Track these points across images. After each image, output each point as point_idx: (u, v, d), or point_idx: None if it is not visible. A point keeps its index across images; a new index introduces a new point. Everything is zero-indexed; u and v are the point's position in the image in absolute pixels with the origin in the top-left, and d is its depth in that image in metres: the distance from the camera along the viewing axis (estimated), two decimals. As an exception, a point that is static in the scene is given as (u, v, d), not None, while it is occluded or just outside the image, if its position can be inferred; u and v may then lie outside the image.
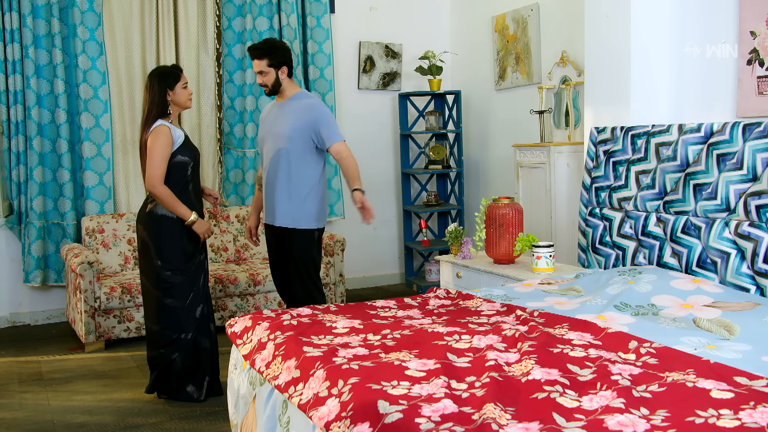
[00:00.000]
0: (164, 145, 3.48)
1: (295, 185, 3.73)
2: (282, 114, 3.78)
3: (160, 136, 3.47)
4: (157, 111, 3.52)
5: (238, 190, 5.88)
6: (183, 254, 3.60)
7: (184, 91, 3.58)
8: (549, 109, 5.29)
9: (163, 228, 3.56)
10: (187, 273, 3.61)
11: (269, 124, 3.83)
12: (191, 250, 3.62)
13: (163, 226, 3.56)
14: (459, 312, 2.92)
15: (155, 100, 3.52)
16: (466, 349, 2.32)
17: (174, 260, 3.57)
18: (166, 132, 3.49)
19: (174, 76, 3.56)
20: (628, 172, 3.61)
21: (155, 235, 3.57)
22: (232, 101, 5.79)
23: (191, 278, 3.62)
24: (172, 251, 3.57)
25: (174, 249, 3.58)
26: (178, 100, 3.57)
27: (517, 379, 2.02)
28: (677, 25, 3.84)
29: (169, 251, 3.57)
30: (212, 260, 5.45)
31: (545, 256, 3.76)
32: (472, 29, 6.42)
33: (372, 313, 2.89)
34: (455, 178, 6.33)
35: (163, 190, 3.47)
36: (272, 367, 2.42)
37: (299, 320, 2.74)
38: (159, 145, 3.47)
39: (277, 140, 3.74)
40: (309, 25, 5.95)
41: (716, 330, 2.51)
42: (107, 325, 4.65)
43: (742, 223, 3.00)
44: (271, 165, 3.77)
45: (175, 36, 5.50)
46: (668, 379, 1.99)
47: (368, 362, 2.19)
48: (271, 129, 3.80)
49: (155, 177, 3.46)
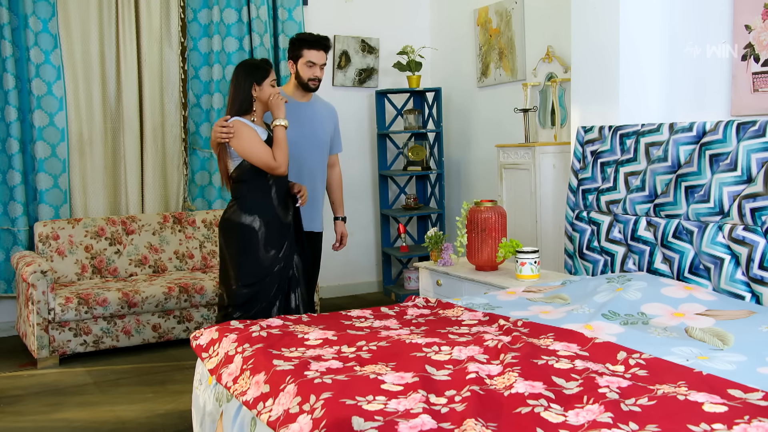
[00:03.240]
0: (249, 135, 3.39)
1: (324, 190, 4.10)
2: (314, 116, 3.95)
3: (241, 130, 3.40)
4: (238, 107, 3.47)
5: (205, 193, 5.84)
6: (259, 266, 3.48)
7: (272, 90, 3.51)
8: (534, 107, 5.32)
9: (237, 236, 3.48)
10: (260, 285, 3.49)
11: (297, 125, 3.83)
12: (268, 262, 3.50)
13: (238, 234, 3.48)
14: (439, 322, 2.92)
15: (238, 95, 3.46)
16: (445, 361, 2.32)
17: (249, 272, 3.47)
18: (244, 125, 3.41)
19: (263, 71, 3.48)
20: (617, 174, 3.64)
21: (230, 244, 3.51)
22: (198, 98, 5.76)
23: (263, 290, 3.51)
24: (247, 262, 3.47)
25: (250, 259, 3.47)
26: (264, 98, 3.50)
27: (500, 393, 2.02)
28: (668, 19, 3.88)
29: (244, 262, 3.47)
30: (177, 268, 5.41)
31: (530, 262, 3.77)
32: (453, 23, 6.44)
33: (347, 324, 2.88)
34: (435, 180, 6.34)
35: (279, 161, 3.40)
36: (240, 382, 2.40)
37: (269, 332, 2.73)
38: (246, 138, 3.38)
39: (314, 144, 3.92)
40: (280, 17, 5.94)
41: (709, 340, 2.53)
42: (62, 338, 4.60)
43: (737, 227, 3.03)
44: (309, 169, 3.91)
45: (136, 28, 5.46)
46: (659, 391, 2.00)
47: (342, 376, 2.18)
48: (303, 131, 3.85)
49: (273, 162, 3.39)
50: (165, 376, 4.34)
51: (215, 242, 5.58)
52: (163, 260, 5.39)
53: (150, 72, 5.49)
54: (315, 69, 3.86)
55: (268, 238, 3.48)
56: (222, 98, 5.75)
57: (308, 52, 3.84)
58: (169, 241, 5.43)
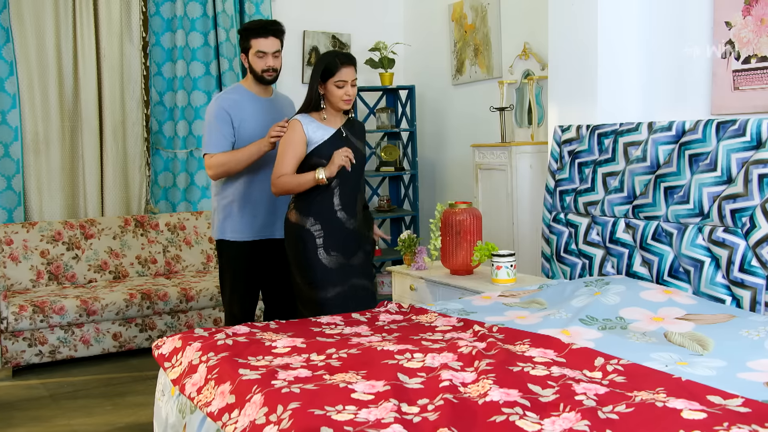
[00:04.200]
0: (290, 142, 3.39)
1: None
2: (277, 112, 3.82)
3: (289, 132, 3.40)
4: (306, 104, 3.45)
5: (168, 195, 5.79)
6: (321, 268, 3.42)
7: (338, 92, 3.41)
8: (510, 105, 5.35)
9: (296, 238, 3.45)
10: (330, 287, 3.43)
11: (259, 122, 3.74)
12: (334, 264, 3.44)
13: (296, 235, 3.44)
14: (411, 328, 2.92)
15: (309, 90, 3.45)
16: (418, 369, 2.32)
17: (311, 275, 3.42)
18: (297, 128, 3.40)
19: (328, 71, 3.40)
20: (595, 174, 3.67)
21: (290, 248, 3.48)
22: (161, 96, 5.71)
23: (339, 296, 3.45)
24: (308, 265, 3.43)
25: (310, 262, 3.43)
26: (333, 99, 3.43)
27: (474, 401, 2.03)
28: (647, 15, 3.93)
29: (305, 265, 3.43)
30: (139, 274, 5.36)
31: (506, 266, 3.79)
32: (427, 18, 6.46)
33: (316, 331, 2.87)
34: (409, 181, 6.35)
35: (279, 182, 3.38)
36: (204, 393, 2.38)
37: (235, 340, 2.71)
38: (285, 141, 3.40)
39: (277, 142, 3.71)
40: (247, 12, 5.91)
41: (689, 345, 2.56)
42: (15, 349, 4.53)
43: (717, 229, 3.07)
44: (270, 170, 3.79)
45: (95, 22, 5.40)
46: (637, 398, 2.02)
47: (311, 385, 2.17)
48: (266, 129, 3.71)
49: (275, 177, 3.39)
50: (125, 387, 4.30)
51: (179, 246, 5.55)
52: (124, 266, 5.34)
53: (110, 68, 5.44)
54: (267, 58, 3.69)
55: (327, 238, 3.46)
56: (186, 96, 5.71)
57: (256, 41, 3.68)
58: (131, 246, 5.39)
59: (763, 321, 2.66)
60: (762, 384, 2.17)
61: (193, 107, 5.76)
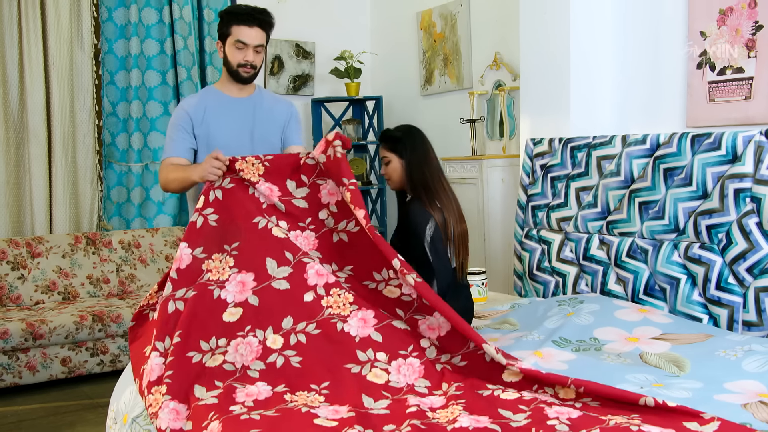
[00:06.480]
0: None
1: None
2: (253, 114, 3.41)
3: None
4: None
5: (122, 212, 5.74)
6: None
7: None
8: (481, 117, 5.39)
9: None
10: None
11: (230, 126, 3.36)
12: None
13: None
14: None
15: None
16: (383, 386, 2.32)
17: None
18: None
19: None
20: (568, 189, 3.71)
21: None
22: (114, 107, 5.67)
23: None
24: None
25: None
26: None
27: (443, 427, 2.03)
28: (621, 25, 3.99)
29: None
30: (90, 294, 5.30)
31: (477, 284, 3.81)
32: (395, 26, 6.50)
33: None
34: (377, 196, 6.36)
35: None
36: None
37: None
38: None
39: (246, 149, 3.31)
40: (206, 19, 5.90)
41: (665, 366, 2.59)
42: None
43: (693, 245, 3.12)
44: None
45: (42, 27, 5.35)
46: (611, 422, 2.03)
47: (272, 411, 2.16)
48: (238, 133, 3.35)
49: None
50: (75, 416, 4.23)
51: (133, 266, 5.49)
52: (74, 286, 5.27)
53: (59, 76, 5.39)
54: (246, 51, 3.24)
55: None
56: (141, 106, 5.67)
57: (238, 29, 3.23)
58: (82, 265, 5.32)
59: (741, 341, 2.71)
60: (739, 406, 2.20)
61: (149, 118, 5.72)
